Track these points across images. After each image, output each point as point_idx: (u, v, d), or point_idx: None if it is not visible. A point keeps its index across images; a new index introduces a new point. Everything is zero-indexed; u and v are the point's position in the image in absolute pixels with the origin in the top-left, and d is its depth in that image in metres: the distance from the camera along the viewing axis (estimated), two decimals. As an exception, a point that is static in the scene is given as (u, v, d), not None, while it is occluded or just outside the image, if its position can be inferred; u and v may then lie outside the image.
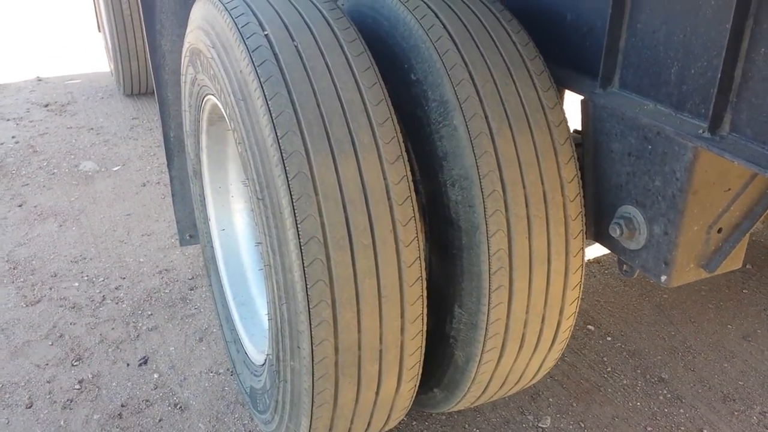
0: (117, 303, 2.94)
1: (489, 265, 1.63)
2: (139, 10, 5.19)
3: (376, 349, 1.59)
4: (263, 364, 1.97)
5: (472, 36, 1.70)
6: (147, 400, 2.45)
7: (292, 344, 1.58)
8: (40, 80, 5.97)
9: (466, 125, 1.60)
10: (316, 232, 1.46)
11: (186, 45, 2.03)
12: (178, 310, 2.90)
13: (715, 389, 2.52)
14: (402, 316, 1.58)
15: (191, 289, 3.03)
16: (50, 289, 3.04)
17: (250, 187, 1.61)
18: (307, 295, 1.48)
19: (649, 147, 1.62)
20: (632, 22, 1.63)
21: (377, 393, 1.67)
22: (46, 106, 5.33)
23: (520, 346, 1.79)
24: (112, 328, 2.79)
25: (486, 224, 1.61)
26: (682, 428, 2.35)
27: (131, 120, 5.06)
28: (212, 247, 2.43)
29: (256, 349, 2.13)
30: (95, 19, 6.09)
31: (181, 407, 2.42)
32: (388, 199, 1.52)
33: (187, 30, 2.02)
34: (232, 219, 2.41)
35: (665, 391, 2.51)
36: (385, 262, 1.52)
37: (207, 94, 1.98)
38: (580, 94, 1.81)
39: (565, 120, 1.70)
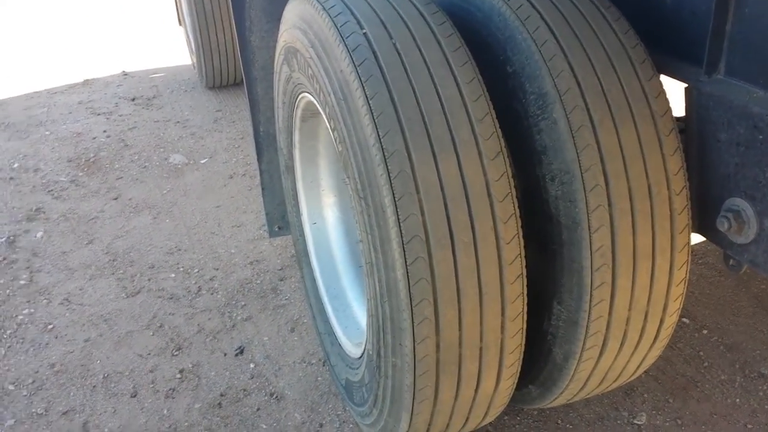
0: (212, 294, 3.05)
1: (591, 261, 1.60)
2: (228, 7, 5.31)
3: (477, 346, 1.59)
4: (360, 358, 2.01)
5: (570, 26, 1.65)
6: (245, 390, 2.53)
7: (393, 341, 1.59)
8: (126, 74, 6.19)
9: (567, 118, 1.57)
10: (418, 231, 1.47)
11: (281, 44, 2.06)
12: (270, 300, 2.98)
13: (823, 385, 2.40)
14: (502, 313, 1.58)
15: (281, 280, 3.10)
16: (149, 280, 3.17)
17: (350, 185, 1.63)
18: (410, 293, 1.49)
19: (760, 137, 1.55)
20: (739, 5, 1.55)
21: (476, 390, 1.67)
22: (133, 100, 5.54)
23: (621, 344, 1.75)
24: (209, 319, 2.89)
25: (588, 220, 1.58)
26: (788, 426, 2.26)
27: (215, 113, 5.20)
28: (304, 240, 2.48)
29: (351, 342, 2.17)
30: (176, 13, 6.27)
31: (277, 397, 2.49)
32: (489, 196, 1.51)
33: (281, 29, 2.05)
34: (323, 213, 2.44)
35: (765, 387, 2.41)
36: (486, 259, 1.52)
37: (302, 92, 2.01)
38: (683, 81, 1.74)
39: (669, 110, 1.64)
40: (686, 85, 1.71)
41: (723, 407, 2.35)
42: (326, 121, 1.75)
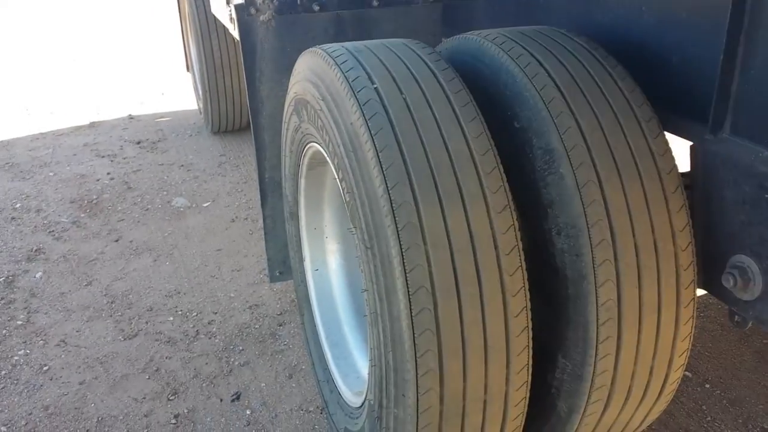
0: (210, 338, 3.02)
1: (597, 315, 1.60)
2: (237, 55, 5.40)
3: (481, 399, 1.57)
4: (360, 407, 1.98)
5: (577, 83, 1.69)
6: (241, 437, 2.49)
7: (396, 392, 1.58)
8: (131, 118, 6.27)
9: (574, 173, 1.59)
10: (424, 282, 1.47)
11: (291, 95, 2.09)
12: (268, 345, 2.95)
13: (828, 445, 2.37)
14: (507, 366, 1.57)
15: (280, 325, 3.09)
16: (146, 323, 3.15)
17: (357, 235, 1.64)
18: (415, 344, 1.49)
19: (766, 196, 1.57)
20: (745, 66, 1.59)
21: (480, 443, 1.65)
22: (139, 143, 5.59)
23: (626, 399, 1.74)
24: (206, 363, 2.86)
25: (594, 274, 1.58)
26: (795, 487, 2.22)
27: (219, 157, 5.24)
28: (306, 286, 2.48)
29: (351, 390, 2.15)
30: (184, 59, 6.38)
31: (274, 445, 2.45)
32: (495, 248, 1.52)
33: (292, 80, 2.08)
34: (326, 259, 2.45)
35: (772, 445, 2.38)
36: (491, 312, 1.52)
37: (310, 142, 2.04)
38: (688, 139, 1.77)
39: (675, 167, 1.67)
40: (692, 143, 1.74)
41: (727, 466, 2.32)
42: (334, 171, 1.77)
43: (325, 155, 1.86)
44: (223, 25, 5.08)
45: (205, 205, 4.41)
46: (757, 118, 1.56)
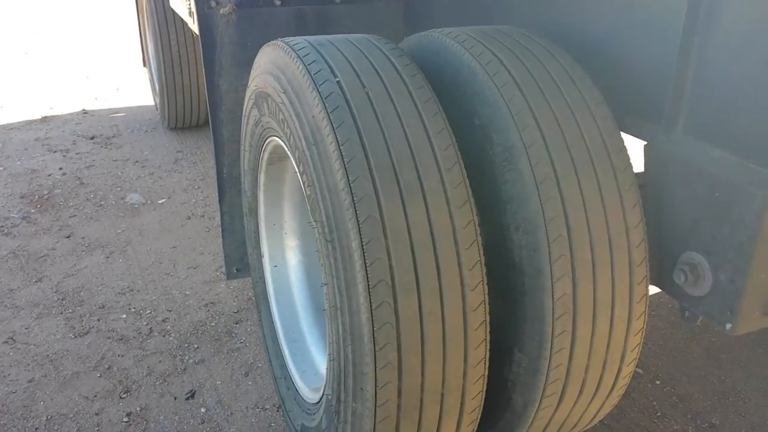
0: (164, 336, 2.97)
1: (553, 309, 1.63)
2: (196, 50, 5.32)
3: (438, 392, 1.58)
4: (317, 403, 1.97)
5: (536, 82, 1.72)
6: (195, 435, 2.46)
7: (355, 386, 1.58)
8: (85, 113, 6.12)
9: (532, 170, 1.61)
10: (384, 275, 1.47)
11: (251, 88, 2.08)
12: (224, 343, 2.92)
13: (771, 439, 2.46)
14: (465, 360, 1.58)
15: (236, 323, 3.05)
16: (98, 320, 3.08)
17: (317, 229, 1.63)
18: (374, 337, 1.49)
19: (716, 195, 1.62)
20: (699, 68, 1.64)
21: (437, 437, 1.66)
22: (92, 138, 5.46)
23: (580, 392, 1.77)
24: (160, 361, 2.81)
25: (551, 269, 1.61)
26: (739, 479, 2.30)
27: (175, 153, 5.16)
28: (264, 283, 2.45)
29: (309, 387, 2.14)
30: (141, 54, 6.26)
31: (229, 443, 2.42)
32: (455, 243, 1.53)
33: (253, 74, 2.07)
34: (285, 256, 2.43)
35: (719, 440, 2.45)
36: (450, 305, 1.53)
37: (271, 136, 2.02)
38: (642, 139, 1.81)
39: (630, 165, 1.71)
40: (645, 143, 1.79)
41: (676, 460, 2.38)
42: (295, 165, 1.76)
43: (286, 149, 1.85)
44: (182, 19, 5.01)
45: (160, 201, 4.33)
46: (710, 119, 1.61)
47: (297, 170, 1.76)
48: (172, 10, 4.62)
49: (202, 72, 5.44)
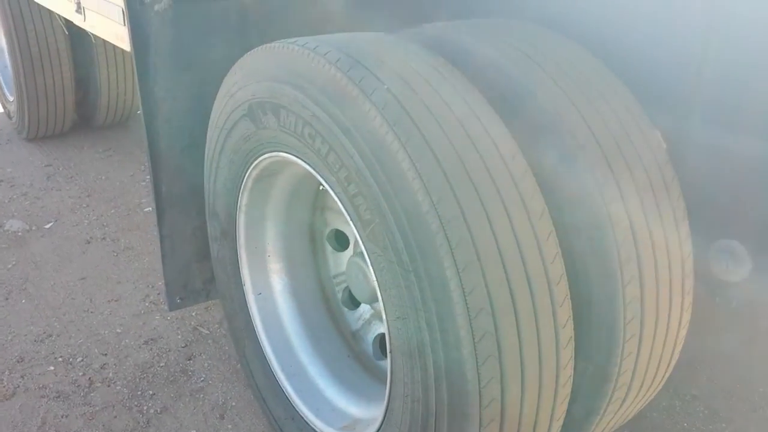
0: (109, 385, 2.58)
1: (624, 314, 1.57)
2: (59, 50, 4.68)
3: (532, 422, 1.48)
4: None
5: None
6: (185, 497, 2.16)
7: (450, 428, 1.43)
8: None
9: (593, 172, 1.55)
10: (484, 303, 1.34)
11: (239, 98, 1.82)
12: (183, 384, 2.59)
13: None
14: (557, 381, 1.48)
15: (189, 359, 2.73)
16: (22, 377, 2.61)
17: (383, 258, 1.45)
18: (479, 373, 1.35)
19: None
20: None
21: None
22: (-66, 159, 4.68)
23: (638, 393, 1.75)
24: (115, 417, 2.43)
25: (621, 272, 1.55)
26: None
27: (45, 168, 4.56)
28: (247, 314, 2.19)
29: (333, 426, 1.93)
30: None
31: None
32: (542, 258, 1.43)
33: (241, 81, 1.81)
34: (270, 281, 2.18)
35: (702, 408, 2.56)
36: (544, 327, 1.42)
37: (270, 152, 1.79)
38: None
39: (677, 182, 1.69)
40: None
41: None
42: (330, 185, 1.56)
43: (312, 169, 1.63)
44: (41, 15, 4.39)
45: (47, 226, 3.79)
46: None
47: (334, 192, 1.55)
48: (34, 2, 4.03)
49: (67, 73, 4.87)
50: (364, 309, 2.19)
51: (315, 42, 1.60)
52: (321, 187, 2.05)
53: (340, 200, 1.55)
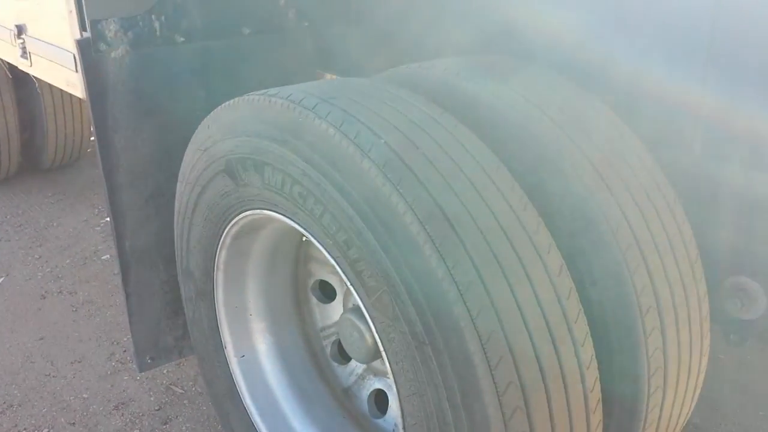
0: (80, 460, 2.38)
1: (648, 366, 1.48)
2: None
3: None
4: None
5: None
6: None
7: None
8: None
9: (607, 220, 1.46)
10: (512, 377, 1.22)
11: (215, 153, 1.67)
12: (162, 452, 2.41)
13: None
14: (584, 449, 1.38)
15: (165, 423, 2.54)
16: (-18, 458, 2.39)
17: (392, 326, 1.32)
18: (510, 453, 1.23)
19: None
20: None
21: None
22: None
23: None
24: (91, 496, 2.24)
25: (642, 323, 1.46)
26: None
27: (-14, 216, 4.29)
28: (230, 378, 2.03)
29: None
30: None
31: None
32: (566, 319, 1.32)
33: (215, 136, 1.67)
34: (253, 342, 2.03)
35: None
36: (574, 396, 1.31)
37: (252, 210, 1.65)
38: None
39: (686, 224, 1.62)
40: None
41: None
42: (327, 248, 1.42)
43: (299, 227, 1.50)
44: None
45: (-3, 282, 3.55)
46: None
47: (331, 256, 1.42)
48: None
49: (11, 116, 4.60)
50: (356, 363, 2.06)
51: (300, 93, 1.47)
52: (304, 238, 1.94)
53: (338, 264, 1.42)
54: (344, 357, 2.07)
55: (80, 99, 3.85)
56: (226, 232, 1.80)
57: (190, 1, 2.24)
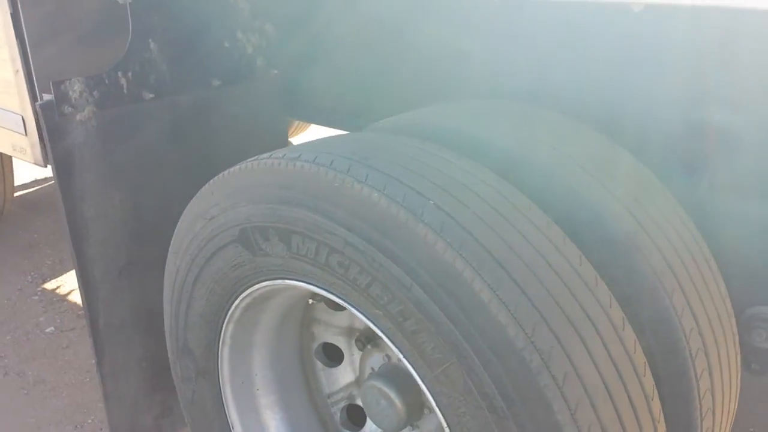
0: None
1: (700, 410, 1.46)
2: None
3: None
4: None
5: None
6: None
7: None
8: None
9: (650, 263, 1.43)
10: (601, 444, 1.16)
11: (228, 223, 1.54)
12: None
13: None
14: None
15: None
16: None
17: (462, 400, 1.23)
18: None
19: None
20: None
21: None
22: None
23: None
24: None
25: (694, 367, 1.44)
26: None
27: None
28: (240, 462, 1.87)
29: None
30: None
31: None
32: (635, 372, 1.28)
33: (230, 204, 1.53)
34: (262, 419, 1.88)
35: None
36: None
37: (269, 280, 1.52)
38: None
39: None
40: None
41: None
42: (377, 320, 1.32)
43: (339, 300, 1.39)
44: None
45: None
46: None
47: (391, 326, 1.31)
48: None
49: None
50: (370, 428, 1.94)
51: (327, 156, 1.37)
52: (310, 301, 1.82)
53: (387, 335, 1.32)
54: (353, 423, 1.96)
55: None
56: (236, 304, 1.66)
57: (158, 55, 2.11)
